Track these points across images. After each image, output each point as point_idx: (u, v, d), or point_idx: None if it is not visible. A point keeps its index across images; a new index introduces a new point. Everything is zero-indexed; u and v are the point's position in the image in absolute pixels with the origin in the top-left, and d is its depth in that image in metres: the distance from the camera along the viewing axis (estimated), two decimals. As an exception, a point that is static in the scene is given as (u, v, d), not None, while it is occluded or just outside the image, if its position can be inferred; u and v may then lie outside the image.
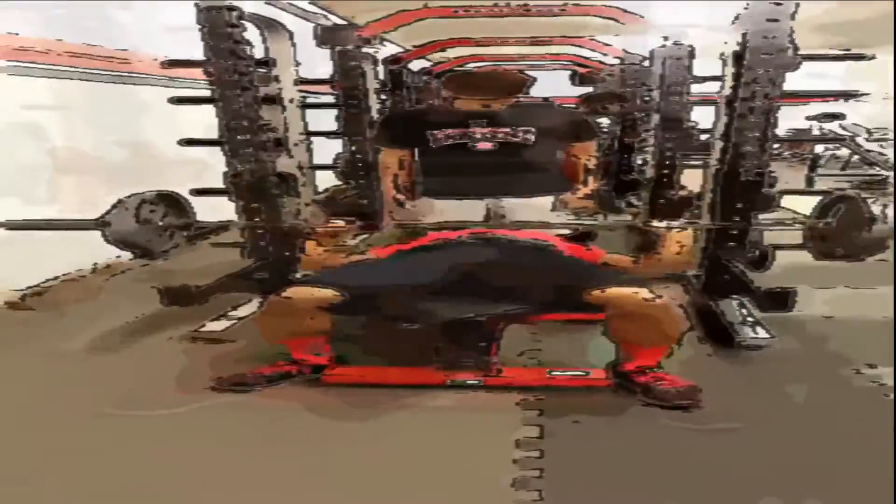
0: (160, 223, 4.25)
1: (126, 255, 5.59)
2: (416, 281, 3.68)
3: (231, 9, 4.58)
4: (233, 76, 4.63)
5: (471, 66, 9.03)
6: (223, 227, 4.96)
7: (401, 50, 8.31)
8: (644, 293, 3.44)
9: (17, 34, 5.44)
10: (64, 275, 5.76)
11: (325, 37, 6.40)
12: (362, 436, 3.27)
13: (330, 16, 6.72)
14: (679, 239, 3.89)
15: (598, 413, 3.41)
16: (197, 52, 4.72)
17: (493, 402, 3.54)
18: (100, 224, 4.03)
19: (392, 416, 3.43)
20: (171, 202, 4.32)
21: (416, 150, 4.54)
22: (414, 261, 3.93)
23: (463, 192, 4.27)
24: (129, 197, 4.14)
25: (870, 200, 3.93)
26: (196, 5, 4.55)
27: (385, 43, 7.84)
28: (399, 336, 3.85)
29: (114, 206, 4.08)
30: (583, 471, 2.93)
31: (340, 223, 4.23)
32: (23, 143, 5.61)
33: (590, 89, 9.47)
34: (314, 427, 3.37)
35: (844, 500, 2.71)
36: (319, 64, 5.82)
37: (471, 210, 4.20)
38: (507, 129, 4.37)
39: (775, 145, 4.70)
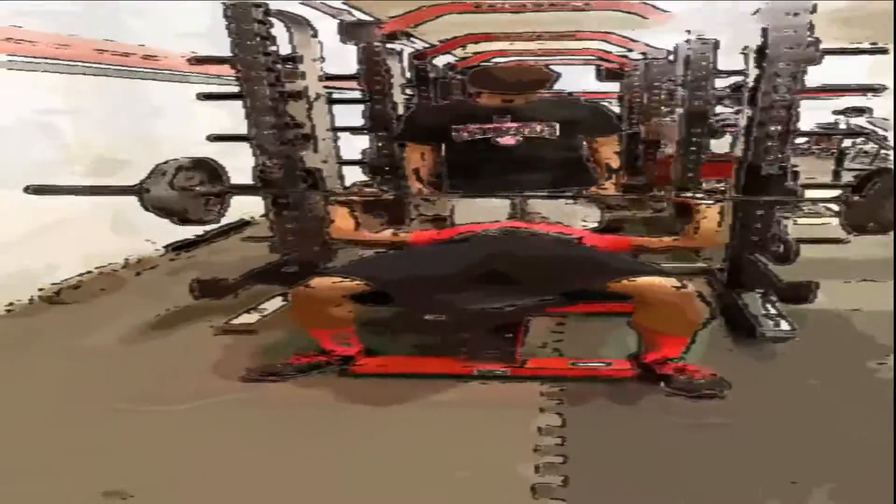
0: (197, 190, 4.25)
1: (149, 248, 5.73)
2: (442, 273, 3.72)
3: (258, 5, 4.63)
4: (260, 72, 4.68)
5: (495, 60, 9.07)
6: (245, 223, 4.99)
7: (425, 46, 8.34)
8: (672, 281, 3.47)
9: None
10: (98, 268, 5.83)
11: (350, 33, 6.45)
12: (389, 423, 3.32)
13: (354, 12, 6.74)
14: (717, 212, 3.92)
15: (619, 402, 3.46)
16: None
17: (517, 392, 3.58)
18: (138, 190, 4.06)
19: (418, 404, 3.47)
20: (207, 169, 4.33)
21: (441, 146, 4.57)
22: (441, 253, 3.96)
23: (487, 187, 4.31)
24: (166, 163, 4.16)
25: None
26: (223, 3, 4.60)
27: (412, 39, 7.86)
28: (427, 327, 3.90)
29: (151, 173, 4.10)
30: (605, 458, 2.96)
31: (372, 190, 4.29)
32: (37, 136, 5.66)
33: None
34: (342, 416, 3.42)
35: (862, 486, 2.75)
36: (333, 61, 5.82)
37: (496, 204, 4.24)
38: (531, 124, 4.40)
39: (801, 139, 4.71)
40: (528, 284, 3.62)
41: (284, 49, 5.04)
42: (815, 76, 4.55)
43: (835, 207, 4.14)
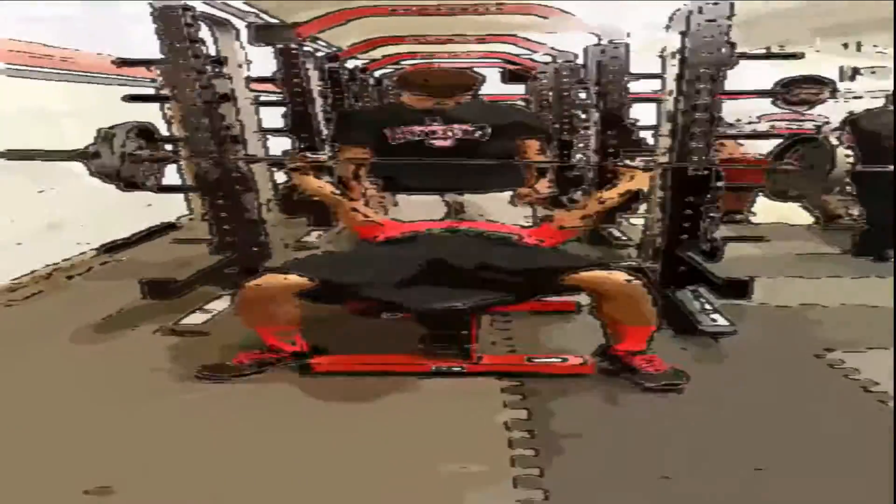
0: (141, 155, 4.24)
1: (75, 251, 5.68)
2: (391, 271, 3.76)
3: (186, 8, 4.64)
4: (191, 74, 4.69)
5: (405, 63, 9.17)
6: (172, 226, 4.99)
7: (335, 48, 8.36)
8: (622, 275, 3.62)
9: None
10: (30, 273, 5.76)
11: (262, 35, 6.44)
12: (358, 421, 3.36)
13: (262, 14, 6.74)
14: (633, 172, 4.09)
15: (579, 396, 3.57)
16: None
17: (477, 388, 3.66)
18: (85, 154, 4.03)
19: (383, 401, 3.53)
20: (148, 135, 4.34)
21: (375, 147, 4.61)
22: (390, 252, 3.99)
23: (422, 187, 4.39)
24: (112, 127, 4.14)
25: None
26: (151, 5, 4.59)
27: (318, 42, 7.88)
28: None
29: (97, 138, 4.08)
30: (574, 448, 3.05)
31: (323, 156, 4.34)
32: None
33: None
34: (306, 413, 3.45)
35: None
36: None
37: (431, 206, 4.33)
38: (465, 127, 4.49)
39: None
40: (482, 282, 3.70)
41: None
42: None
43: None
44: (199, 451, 3.09)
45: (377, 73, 10.55)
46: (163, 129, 4.89)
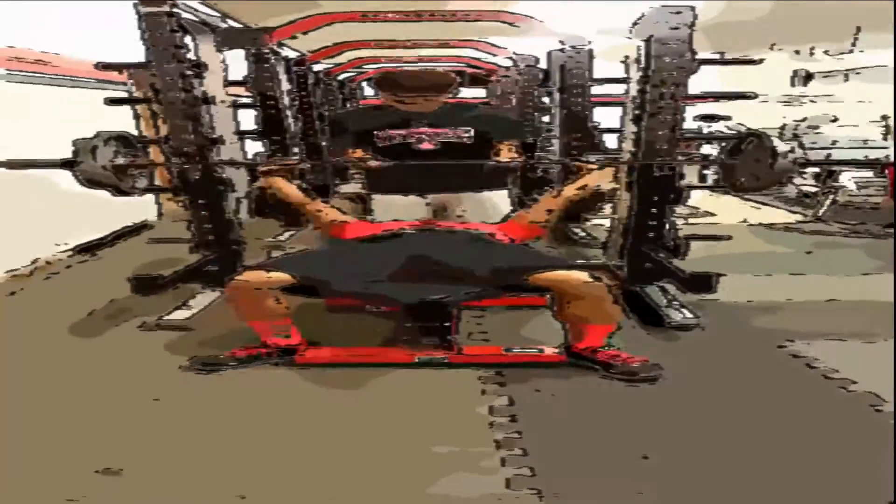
0: (125, 163, 4.34)
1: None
2: (375, 267, 3.92)
3: (171, 15, 4.75)
4: (176, 79, 4.80)
5: (368, 67, 9.30)
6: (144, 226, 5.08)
7: (301, 53, 8.44)
8: (583, 275, 3.77)
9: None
10: (6, 272, 5.85)
11: (232, 39, 6.53)
12: (350, 409, 3.49)
13: (228, 19, 6.81)
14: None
15: (557, 383, 3.73)
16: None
17: (457, 378, 3.80)
18: (70, 163, 4.13)
19: (371, 391, 3.67)
20: (127, 143, 4.43)
21: (367, 149, 4.73)
22: (368, 249, 4.13)
23: (408, 188, 4.53)
24: (96, 136, 4.25)
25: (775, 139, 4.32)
26: (137, 12, 4.69)
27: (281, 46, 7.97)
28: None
29: (78, 147, 4.17)
30: (554, 431, 3.24)
31: (294, 160, 4.42)
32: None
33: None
34: (293, 404, 3.58)
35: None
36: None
37: (414, 203, 4.48)
38: (449, 130, 4.63)
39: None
40: (457, 278, 3.86)
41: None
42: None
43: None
44: (195, 437, 3.21)
45: (340, 77, 10.67)
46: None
